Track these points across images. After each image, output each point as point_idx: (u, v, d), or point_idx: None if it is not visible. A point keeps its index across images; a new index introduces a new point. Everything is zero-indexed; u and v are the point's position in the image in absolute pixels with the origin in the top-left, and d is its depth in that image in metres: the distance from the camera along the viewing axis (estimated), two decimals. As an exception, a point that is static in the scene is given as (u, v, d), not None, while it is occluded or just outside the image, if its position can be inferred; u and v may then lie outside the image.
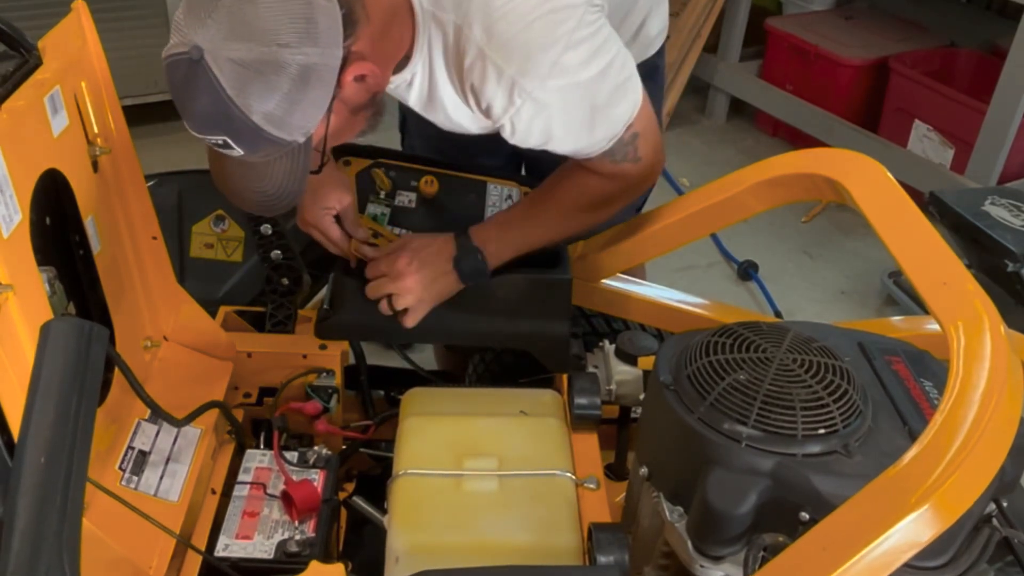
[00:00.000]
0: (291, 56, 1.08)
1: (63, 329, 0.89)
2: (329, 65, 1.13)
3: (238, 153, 1.15)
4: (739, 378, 1.10)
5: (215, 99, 1.09)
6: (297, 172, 1.20)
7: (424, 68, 1.34)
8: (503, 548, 1.22)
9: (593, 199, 1.45)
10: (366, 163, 1.63)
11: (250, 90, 1.08)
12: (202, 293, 1.63)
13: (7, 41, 1.23)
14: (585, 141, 1.35)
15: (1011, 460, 0.97)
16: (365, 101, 1.25)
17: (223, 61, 1.07)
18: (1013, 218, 2.34)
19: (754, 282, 3.17)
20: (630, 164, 1.39)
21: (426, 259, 1.45)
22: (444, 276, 1.45)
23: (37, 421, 0.84)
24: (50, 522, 0.79)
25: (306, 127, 1.15)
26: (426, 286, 1.45)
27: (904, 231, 1.19)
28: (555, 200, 1.47)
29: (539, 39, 1.24)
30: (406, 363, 1.72)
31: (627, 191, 1.45)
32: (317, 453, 1.42)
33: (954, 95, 3.39)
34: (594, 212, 1.47)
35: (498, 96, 1.27)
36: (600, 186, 1.43)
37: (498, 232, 1.46)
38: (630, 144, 1.37)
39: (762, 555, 1.03)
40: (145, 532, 1.20)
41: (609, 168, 1.40)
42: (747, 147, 4.05)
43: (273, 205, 1.25)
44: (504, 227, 1.47)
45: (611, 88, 1.32)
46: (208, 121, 1.12)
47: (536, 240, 1.48)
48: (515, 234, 1.46)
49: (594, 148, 1.36)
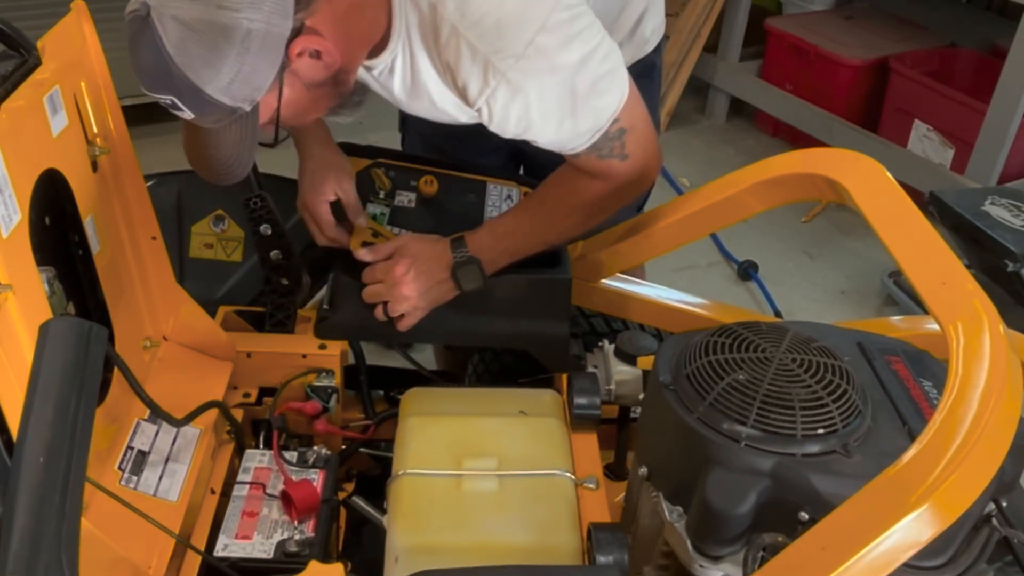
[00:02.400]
0: (233, 19, 1.09)
1: (62, 329, 0.89)
2: (274, 33, 1.13)
3: (188, 115, 1.17)
4: (738, 378, 1.10)
5: (158, 57, 1.11)
6: (246, 141, 1.22)
7: (404, 51, 1.33)
8: (503, 548, 1.22)
9: (585, 201, 1.43)
10: (366, 163, 1.63)
11: (191, 50, 1.10)
12: (202, 293, 1.63)
13: (7, 41, 1.23)
14: (568, 132, 1.33)
15: (1011, 460, 0.96)
16: (323, 79, 1.24)
17: (167, 19, 1.09)
18: (1013, 218, 2.34)
19: (754, 282, 3.17)
20: (617, 161, 1.37)
21: (423, 268, 1.45)
22: (440, 285, 1.46)
23: (36, 421, 0.83)
24: (49, 522, 0.79)
25: (251, 95, 1.16)
26: (422, 294, 1.46)
27: (904, 231, 1.19)
28: (548, 205, 1.46)
29: (513, 17, 1.23)
30: (406, 363, 1.72)
31: (619, 192, 1.42)
32: (316, 453, 1.42)
33: (954, 95, 3.39)
34: (588, 215, 1.46)
35: (473, 76, 1.27)
36: (591, 187, 1.41)
37: (494, 240, 1.46)
38: (617, 139, 1.35)
39: (761, 555, 1.03)
40: (144, 532, 1.20)
41: (596, 165, 1.38)
42: (747, 147, 4.05)
43: (226, 172, 1.27)
44: (500, 235, 1.47)
45: (593, 78, 1.30)
46: (154, 79, 1.14)
47: (532, 246, 1.48)
48: (511, 241, 1.47)
49: (578, 142, 1.34)
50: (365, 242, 1.54)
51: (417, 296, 1.45)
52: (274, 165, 1.58)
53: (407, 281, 1.44)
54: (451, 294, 1.48)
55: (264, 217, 1.60)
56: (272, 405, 1.51)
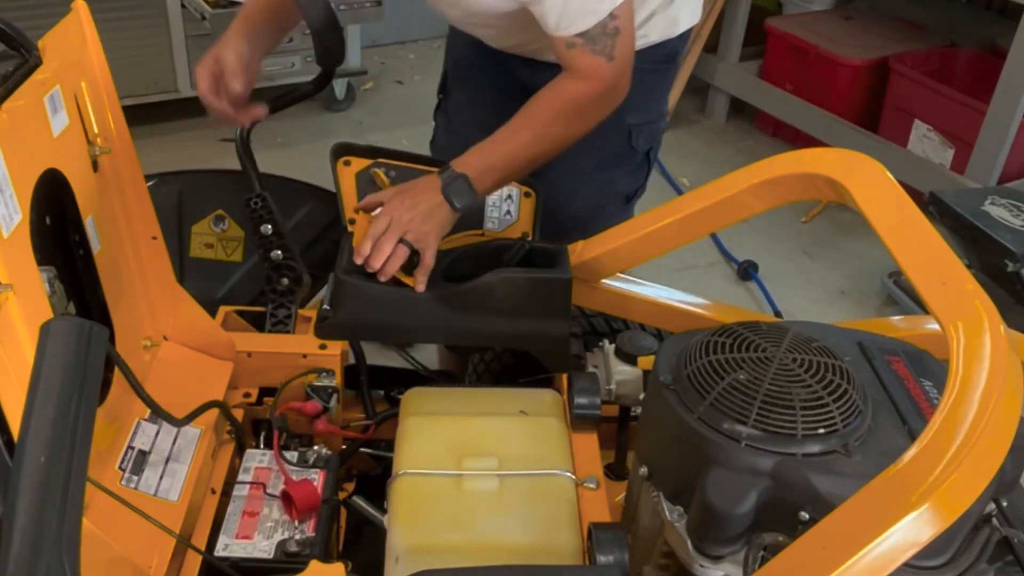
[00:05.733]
0: None
1: (63, 329, 0.89)
2: None
3: None
4: (739, 378, 1.10)
5: None
6: None
7: None
8: (503, 548, 1.22)
9: (566, 106, 1.48)
10: (366, 163, 1.63)
11: None
12: (202, 293, 1.63)
13: (7, 41, 1.23)
14: (575, 6, 1.39)
15: (1011, 459, 0.97)
16: None
17: None
18: (1013, 218, 2.34)
19: (754, 282, 3.17)
20: (605, 60, 1.43)
21: (416, 197, 1.49)
22: (438, 208, 1.49)
23: (37, 421, 0.83)
24: (50, 522, 0.79)
25: None
26: (424, 219, 1.48)
27: (904, 231, 1.19)
28: (530, 114, 1.51)
29: None
30: (406, 363, 1.72)
31: (600, 98, 1.48)
32: (317, 453, 1.42)
33: (954, 95, 3.39)
34: (567, 123, 1.50)
35: None
36: (573, 89, 1.47)
37: (478, 157, 1.51)
38: (611, 37, 1.41)
39: (762, 555, 1.03)
40: (145, 532, 1.20)
41: (586, 62, 1.43)
42: (747, 147, 4.06)
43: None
44: (485, 152, 1.51)
45: None
46: None
47: (516, 158, 1.51)
48: (494, 154, 1.51)
49: (576, 22, 1.40)
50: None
51: (420, 220, 1.48)
52: (274, 165, 1.58)
53: (406, 210, 1.48)
54: (450, 215, 1.51)
55: (264, 217, 1.60)
56: (272, 405, 1.51)
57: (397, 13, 4.05)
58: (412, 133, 3.73)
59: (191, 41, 3.44)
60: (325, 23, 1.55)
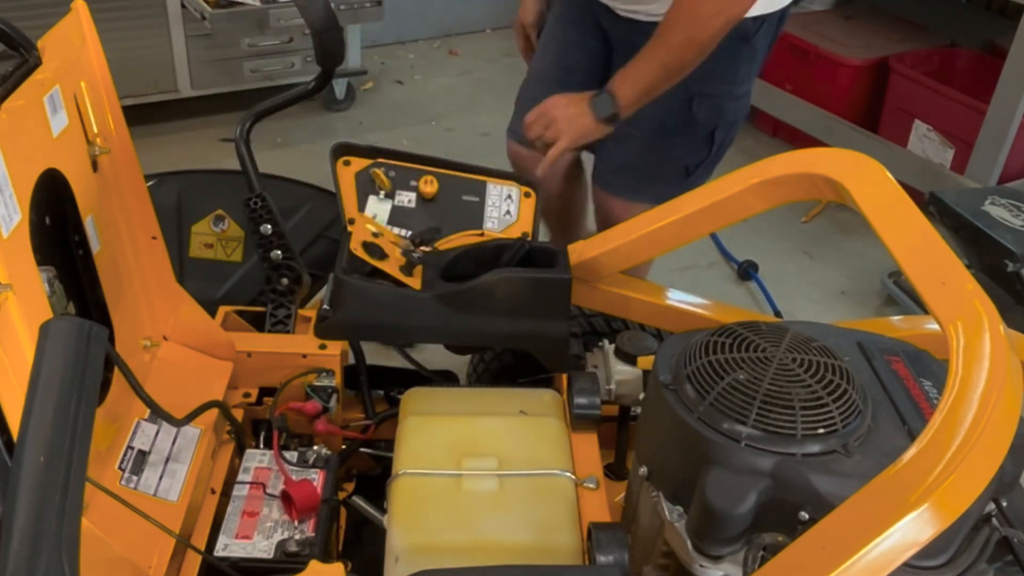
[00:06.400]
0: None
1: (62, 329, 0.89)
2: None
3: None
4: (739, 378, 1.10)
5: None
6: None
7: None
8: (503, 548, 1.22)
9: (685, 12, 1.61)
10: (366, 163, 1.63)
11: None
12: (202, 293, 1.63)
13: (7, 41, 1.23)
14: None
15: (1011, 459, 0.97)
16: None
17: None
18: (1013, 218, 2.34)
19: (754, 282, 3.17)
20: None
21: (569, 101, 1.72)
22: (583, 116, 1.70)
23: (36, 420, 0.83)
24: (49, 522, 0.79)
25: None
26: (569, 120, 1.70)
27: (904, 231, 1.19)
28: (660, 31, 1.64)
29: None
30: (406, 363, 1.72)
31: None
32: (317, 453, 1.42)
33: (954, 95, 3.39)
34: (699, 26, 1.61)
35: None
36: None
37: (622, 76, 1.69)
38: None
39: (761, 555, 1.03)
40: (145, 532, 1.20)
41: None
42: (747, 147, 4.05)
43: None
44: (628, 68, 1.68)
45: None
46: None
47: (657, 72, 1.66)
48: (637, 71, 1.67)
49: None
50: (365, 242, 1.54)
51: (565, 122, 1.70)
52: (274, 165, 1.58)
53: (559, 107, 1.72)
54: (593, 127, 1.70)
55: (264, 217, 1.60)
56: (272, 405, 1.51)
57: (397, 13, 4.05)
58: (412, 133, 3.73)
59: (191, 41, 3.43)
60: (325, 23, 1.55)
